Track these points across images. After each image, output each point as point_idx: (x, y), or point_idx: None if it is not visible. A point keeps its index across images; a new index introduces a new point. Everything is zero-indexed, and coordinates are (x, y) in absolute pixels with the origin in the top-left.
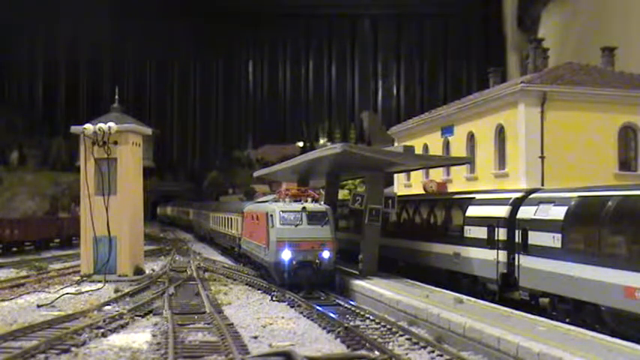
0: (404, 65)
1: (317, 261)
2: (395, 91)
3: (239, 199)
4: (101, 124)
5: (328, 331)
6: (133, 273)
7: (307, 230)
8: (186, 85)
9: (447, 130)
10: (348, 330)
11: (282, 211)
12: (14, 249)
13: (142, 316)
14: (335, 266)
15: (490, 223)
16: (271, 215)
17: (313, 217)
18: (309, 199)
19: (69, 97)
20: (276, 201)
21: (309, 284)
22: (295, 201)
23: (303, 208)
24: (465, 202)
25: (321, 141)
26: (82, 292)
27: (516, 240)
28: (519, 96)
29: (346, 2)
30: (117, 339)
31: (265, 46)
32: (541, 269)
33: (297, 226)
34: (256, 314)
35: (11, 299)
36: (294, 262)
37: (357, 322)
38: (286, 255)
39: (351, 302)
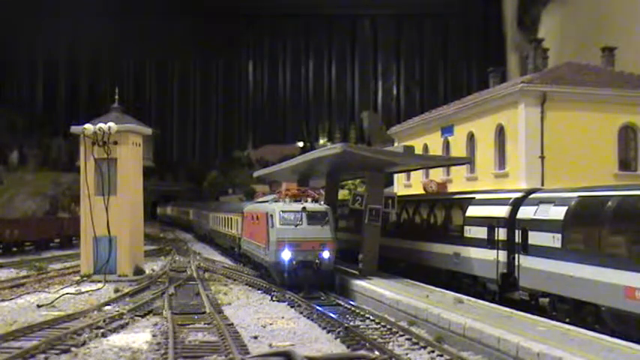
0: (404, 65)
1: (317, 261)
2: (395, 91)
3: (239, 199)
4: (101, 124)
5: (328, 331)
6: (133, 273)
7: (307, 230)
8: (186, 85)
9: (447, 130)
10: (348, 330)
11: (282, 211)
12: (14, 249)
13: (142, 316)
14: (335, 266)
15: (490, 223)
16: (271, 215)
17: (313, 217)
18: (309, 199)
19: (69, 97)
20: (276, 201)
21: (309, 284)
22: (295, 201)
23: (303, 208)
24: (465, 202)
25: (321, 141)
26: (82, 292)
27: (516, 240)
28: (519, 96)
29: (346, 2)
30: (117, 339)
31: (265, 46)
32: (541, 269)
33: (297, 226)
34: (256, 314)
35: (11, 299)
36: (294, 262)
37: (357, 322)
38: (286, 255)
39: (351, 302)
